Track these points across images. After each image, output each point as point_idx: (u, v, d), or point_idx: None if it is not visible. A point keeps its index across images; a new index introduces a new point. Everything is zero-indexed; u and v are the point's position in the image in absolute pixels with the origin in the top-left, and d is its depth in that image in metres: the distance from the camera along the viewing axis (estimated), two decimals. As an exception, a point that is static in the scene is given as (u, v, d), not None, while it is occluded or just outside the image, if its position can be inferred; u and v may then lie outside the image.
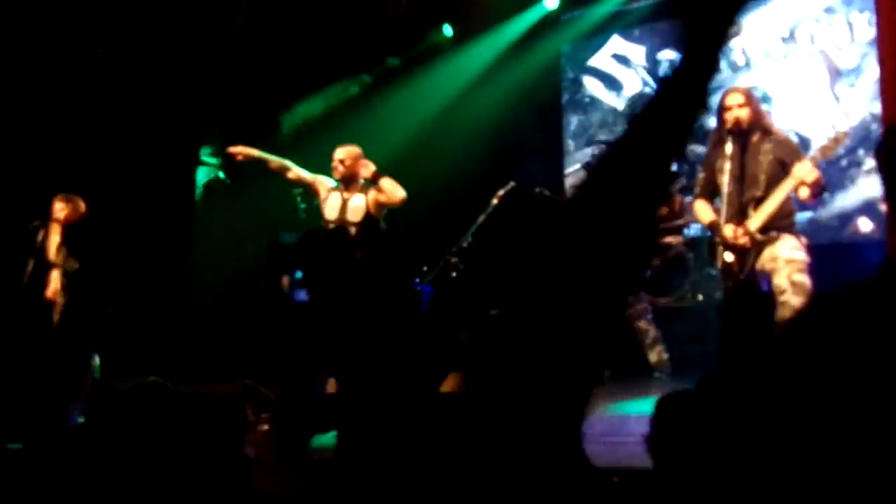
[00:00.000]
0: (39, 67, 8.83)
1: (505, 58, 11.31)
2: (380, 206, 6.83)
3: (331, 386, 6.82)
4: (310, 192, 7.23)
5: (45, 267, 7.83)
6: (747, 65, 10.35)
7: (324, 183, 7.03)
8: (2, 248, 8.03)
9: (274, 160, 7.16)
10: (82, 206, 7.47)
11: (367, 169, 6.89)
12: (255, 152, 7.15)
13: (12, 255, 8.07)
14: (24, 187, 6.86)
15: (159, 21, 9.38)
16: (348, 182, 6.91)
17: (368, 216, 6.78)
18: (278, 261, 9.91)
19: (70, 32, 9.14)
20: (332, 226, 6.98)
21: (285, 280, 9.45)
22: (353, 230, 6.72)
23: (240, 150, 7.18)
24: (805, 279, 5.30)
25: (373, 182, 6.85)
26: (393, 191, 6.81)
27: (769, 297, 5.34)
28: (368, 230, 6.70)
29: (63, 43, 9.08)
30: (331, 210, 6.93)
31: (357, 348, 0.77)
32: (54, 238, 7.61)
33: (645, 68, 11.09)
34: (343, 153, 6.95)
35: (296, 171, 7.14)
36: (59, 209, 7.54)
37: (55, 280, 7.60)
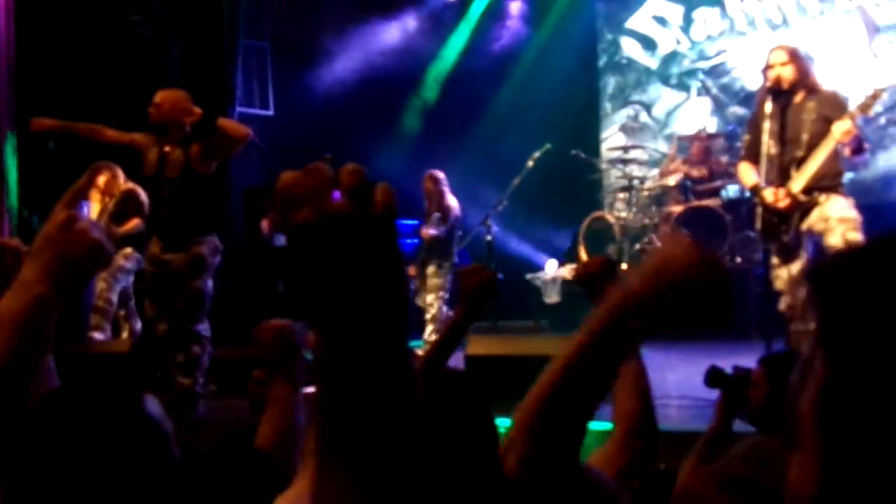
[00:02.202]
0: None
1: (540, 21, 11.24)
2: (208, 156, 5.95)
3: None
4: (134, 152, 6.31)
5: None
6: (784, 22, 10.22)
7: (144, 138, 6.12)
8: (42, 215, 8.13)
9: (80, 126, 6.24)
10: (121, 175, 7.51)
11: (191, 115, 5.96)
12: (54, 122, 6.23)
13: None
14: (64, 153, 6.91)
15: None
16: (166, 132, 5.97)
17: (188, 171, 5.93)
18: (256, 206, 9.92)
19: None
20: (149, 185, 6.30)
21: (265, 224, 9.45)
22: (167, 189, 5.96)
23: (39, 123, 6.26)
24: (860, 237, 5.23)
25: (204, 129, 5.93)
26: (234, 127, 5.94)
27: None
28: (185, 187, 5.92)
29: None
30: (149, 166, 6.09)
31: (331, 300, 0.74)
32: (94, 205, 7.69)
33: (680, 27, 10.99)
34: (159, 97, 6.00)
35: (111, 132, 6.20)
36: (98, 176, 7.60)
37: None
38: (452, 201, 8.33)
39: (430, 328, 8.22)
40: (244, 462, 1.92)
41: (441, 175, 8.30)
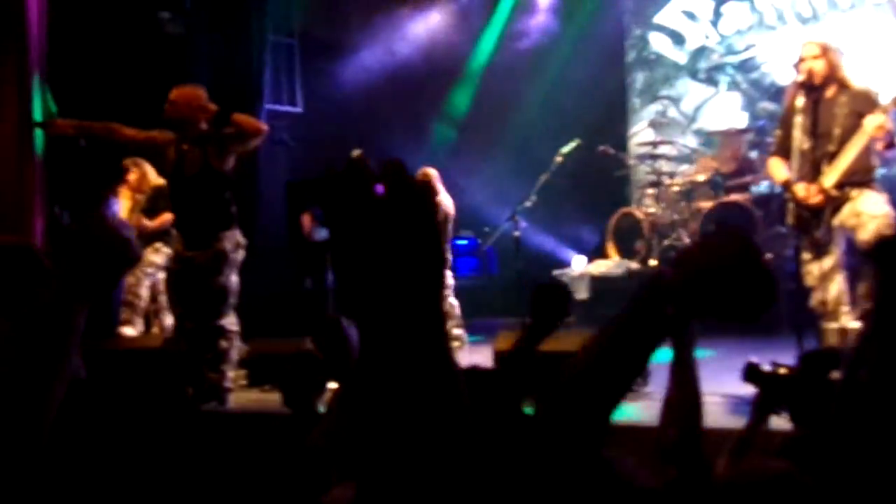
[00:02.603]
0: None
1: (568, 17, 11.21)
2: (224, 152, 5.94)
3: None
4: (153, 152, 6.35)
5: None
6: (814, 17, 10.14)
7: (162, 136, 6.12)
8: (73, 211, 8.20)
9: (97, 126, 6.23)
10: (150, 171, 7.56)
11: (206, 112, 5.94)
12: (71, 124, 6.25)
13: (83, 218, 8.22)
14: (95, 150, 6.95)
15: None
16: (183, 129, 5.97)
17: (206, 168, 5.95)
18: (298, 199, 9.93)
19: None
20: (169, 185, 6.33)
21: (306, 219, 9.48)
22: (187, 186, 5.99)
23: (57, 125, 6.37)
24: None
25: (218, 125, 5.91)
26: (249, 122, 5.93)
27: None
28: (204, 184, 5.93)
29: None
30: (168, 165, 6.15)
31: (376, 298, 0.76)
32: (124, 202, 7.75)
33: (710, 21, 10.93)
34: (175, 94, 5.98)
35: (128, 131, 6.19)
36: (129, 173, 7.66)
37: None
38: (446, 199, 8.19)
39: None
40: None
41: (434, 172, 8.19)
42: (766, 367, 2.89)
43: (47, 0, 8.00)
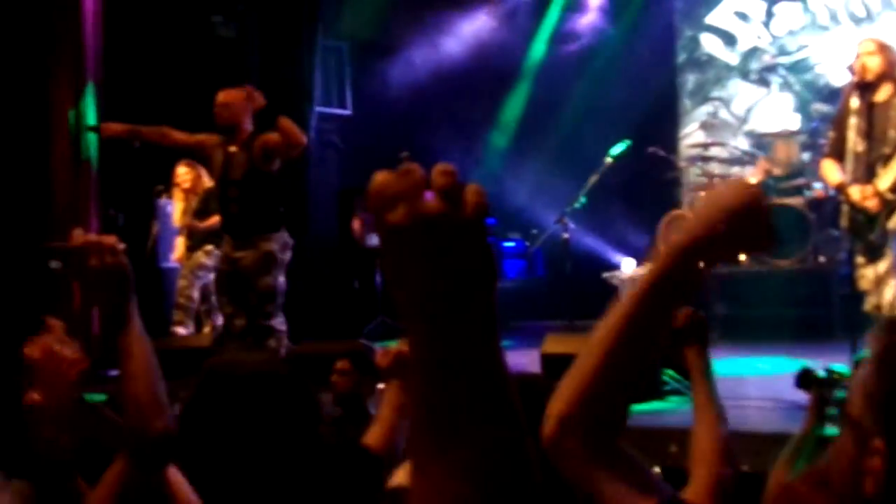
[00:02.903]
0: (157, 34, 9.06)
1: (617, 19, 11.16)
2: (269, 156, 5.99)
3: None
4: (202, 154, 6.47)
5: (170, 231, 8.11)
6: (868, 17, 9.99)
7: (210, 139, 6.21)
8: (127, 212, 8.32)
9: (149, 129, 6.34)
10: (205, 173, 7.65)
11: (255, 106, 6.03)
12: (122, 127, 6.38)
13: (137, 219, 8.36)
14: (148, 152, 7.06)
15: None
16: (230, 132, 6.04)
17: (252, 171, 6.01)
18: (349, 204, 9.99)
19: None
20: (216, 187, 6.39)
21: (356, 223, 9.51)
22: (234, 189, 6.05)
23: (108, 128, 6.49)
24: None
25: (264, 126, 5.99)
26: (292, 131, 5.86)
27: None
28: (251, 187, 5.99)
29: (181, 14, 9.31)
30: (215, 168, 6.24)
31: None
32: (178, 203, 7.85)
33: (762, 22, 10.80)
34: (223, 97, 6.05)
35: (178, 135, 6.31)
36: (183, 174, 7.75)
37: (180, 245, 7.85)
38: None
39: None
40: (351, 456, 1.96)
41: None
42: (821, 373, 2.85)
43: (102, 5, 8.13)
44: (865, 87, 5.30)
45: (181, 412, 1.68)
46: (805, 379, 2.92)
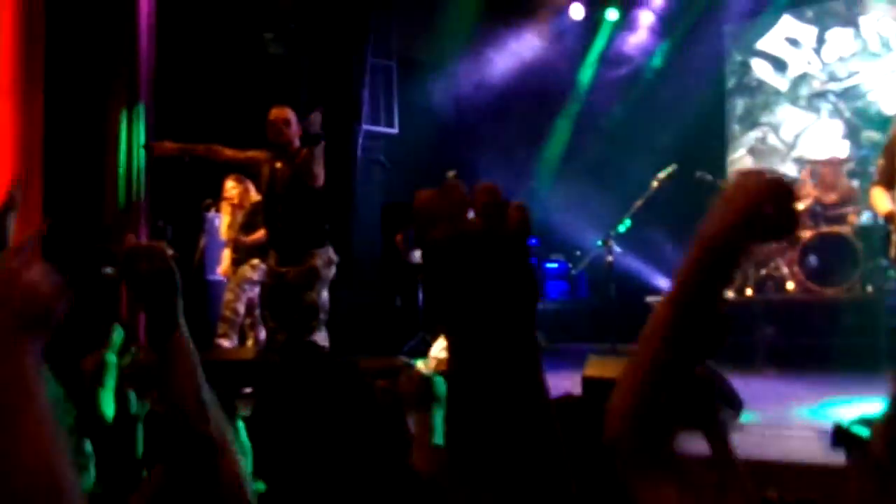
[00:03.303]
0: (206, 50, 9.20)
1: (666, 44, 11.14)
2: (314, 169, 6.04)
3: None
4: (252, 171, 6.58)
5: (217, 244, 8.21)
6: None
7: (259, 155, 6.31)
8: (176, 225, 8.44)
9: (199, 147, 6.39)
10: (252, 188, 7.73)
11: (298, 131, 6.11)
12: (174, 146, 6.41)
13: (186, 232, 8.47)
14: (197, 167, 7.18)
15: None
16: (279, 148, 6.16)
17: (297, 186, 6.07)
18: (393, 221, 10.03)
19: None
20: (263, 202, 6.47)
21: (399, 238, 9.53)
22: (279, 205, 6.14)
23: (160, 147, 6.53)
24: None
25: (306, 144, 6.03)
26: (308, 166, 6.03)
27: None
28: (296, 202, 6.07)
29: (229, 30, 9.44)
30: (262, 183, 6.35)
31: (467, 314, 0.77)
32: (225, 217, 7.94)
33: (813, 49, 10.72)
34: (273, 114, 6.15)
35: (228, 152, 6.38)
36: (231, 188, 7.84)
37: (226, 258, 7.94)
38: None
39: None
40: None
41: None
42: (856, 429, 2.76)
43: (156, 22, 8.29)
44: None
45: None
46: (840, 436, 2.83)
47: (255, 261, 7.55)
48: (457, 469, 0.80)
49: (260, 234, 7.44)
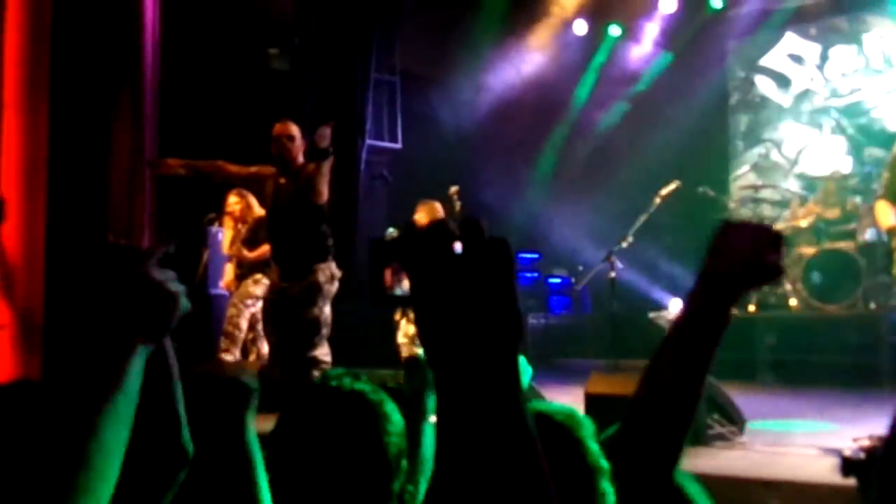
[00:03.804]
0: (210, 63, 9.24)
1: (670, 61, 11.16)
2: (313, 186, 6.00)
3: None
4: (256, 187, 6.54)
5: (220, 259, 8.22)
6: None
7: (264, 171, 6.28)
8: (179, 239, 8.45)
9: (203, 164, 6.33)
10: (255, 203, 7.74)
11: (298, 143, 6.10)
12: (179, 163, 6.32)
13: (188, 247, 8.48)
14: (201, 180, 7.21)
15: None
16: (282, 164, 6.13)
17: (300, 201, 6.04)
18: (380, 256, 10.03)
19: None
20: (265, 217, 6.48)
21: (388, 275, 9.58)
22: (282, 219, 6.15)
23: (166, 165, 6.42)
24: None
25: (311, 158, 6.01)
26: (313, 180, 5.99)
27: None
28: (298, 217, 6.04)
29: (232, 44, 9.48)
30: (266, 198, 6.32)
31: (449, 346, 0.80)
32: (228, 232, 7.96)
33: (816, 65, 10.74)
34: (276, 129, 6.13)
35: (232, 168, 6.37)
36: (234, 203, 7.85)
37: (229, 271, 7.95)
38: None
39: None
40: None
41: (437, 204, 8.21)
42: (861, 455, 2.72)
43: (161, 36, 8.32)
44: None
45: None
46: (848, 467, 2.78)
47: (258, 276, 7.56)
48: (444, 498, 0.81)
49: (263, 249, 7.45)
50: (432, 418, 2.71)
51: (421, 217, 7.33)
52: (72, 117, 7.75)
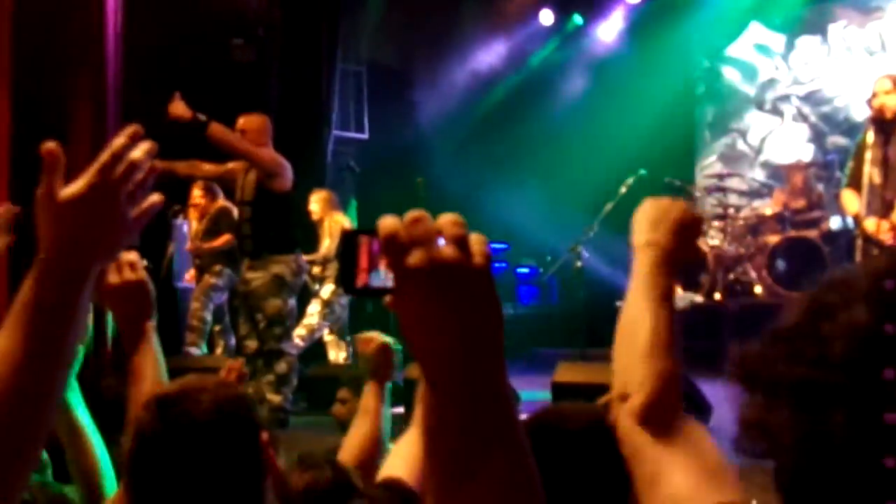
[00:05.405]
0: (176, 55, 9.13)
1: (636, 49, 11.18)
2: (270, 176, 6.01)
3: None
4: (231, 184, 6.54)
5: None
6: (882, 48, 10.03)
7: (238, 166, 6.28)
8: (143, 232, 8.36)
9: (180, 165, 6.33)
10: (221, 195, 7.68)
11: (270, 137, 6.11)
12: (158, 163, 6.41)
13: (152, 239, 8.40)
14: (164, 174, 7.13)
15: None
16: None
17: (262, 192, 6.04)
18: (353, 246, 10.01)
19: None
20: (226, 208, 6.59)
21: (363, 259, 9.55)
22: (246, 210, 6.15)
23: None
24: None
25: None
26: (261, 162, 6.01)
27: None
28: (261, 208, 6.03)
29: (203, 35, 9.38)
30: (236, 191, 6.33)
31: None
32: (193, 223, 7.89)
33: (781, 55, 10.82)
34: (244, 123, 6.14)
35: (208, 166, 6.42)
36: (198, 196, 7.79)
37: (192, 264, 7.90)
38: (342, 220, 8.20)
39: None
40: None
41: (325, 194, 8.23)
42: None
43: (122, 27, 8.21)
44: (883, 122, 5.30)
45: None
46: None
47: (218, 267, 7.51)
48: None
49: (221, 240, 7.40)
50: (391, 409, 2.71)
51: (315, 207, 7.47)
52: (32, 108, 7.64)
